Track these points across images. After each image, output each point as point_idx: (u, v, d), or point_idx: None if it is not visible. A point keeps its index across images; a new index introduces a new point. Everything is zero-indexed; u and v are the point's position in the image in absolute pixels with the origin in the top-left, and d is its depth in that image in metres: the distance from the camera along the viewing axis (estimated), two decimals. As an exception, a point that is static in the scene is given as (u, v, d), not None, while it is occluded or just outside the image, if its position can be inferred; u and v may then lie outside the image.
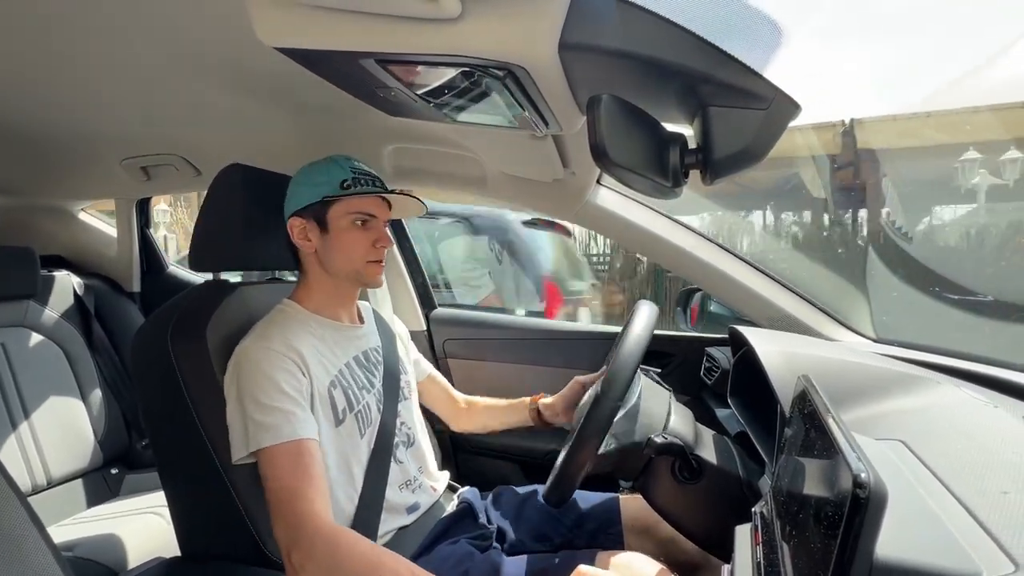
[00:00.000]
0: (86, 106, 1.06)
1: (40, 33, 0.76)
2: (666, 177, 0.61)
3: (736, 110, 0.58)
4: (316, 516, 0.71)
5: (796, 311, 1.18)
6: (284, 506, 0.72)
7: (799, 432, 0.59)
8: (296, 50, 0.62)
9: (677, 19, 0.53)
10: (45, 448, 1.34)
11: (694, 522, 0.82)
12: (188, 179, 1.43)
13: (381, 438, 0.91)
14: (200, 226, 0.93)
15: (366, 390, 0.92)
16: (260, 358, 0.80)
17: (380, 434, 0.91)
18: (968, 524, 0.45)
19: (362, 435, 0.89)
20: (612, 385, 0.73)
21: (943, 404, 0.73)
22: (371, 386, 0.94)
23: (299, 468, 0.75)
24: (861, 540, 0.37)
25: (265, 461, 0.76)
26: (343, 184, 0.88)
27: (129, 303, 1.74)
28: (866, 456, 0.40)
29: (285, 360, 0.81)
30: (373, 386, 0.94)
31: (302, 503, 0.72)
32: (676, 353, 1.42)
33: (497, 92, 0.66)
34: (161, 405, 0.87)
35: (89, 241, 1.80)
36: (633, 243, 1.28)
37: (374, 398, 0.93)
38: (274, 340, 0.83)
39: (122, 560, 1.13)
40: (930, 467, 0.55)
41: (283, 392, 0.78)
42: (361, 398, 0.90)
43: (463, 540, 0.93)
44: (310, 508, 0.71)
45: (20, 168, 1.47)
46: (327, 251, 0.90)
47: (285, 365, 0.80)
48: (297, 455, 0.75)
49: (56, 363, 1.44)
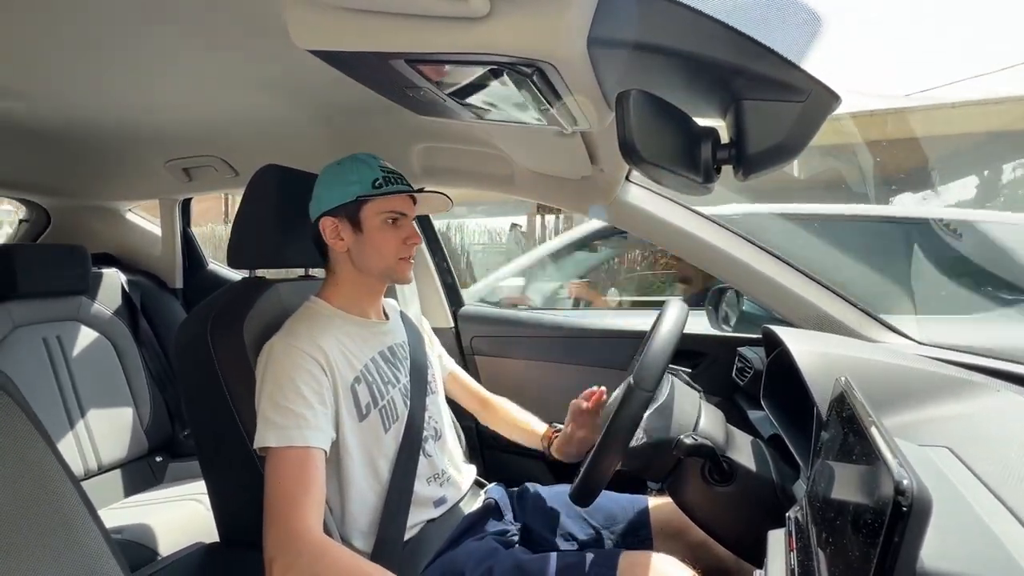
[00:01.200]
0: (132, 111, 1.11)
1: (89, 43, 0.80)
2: (697, 173, 0.60)
3: (771, 103, 0.57)
4: (307, 531, 0.72)
5: (834, 311, 1.14)
6: (278, 515, 0.73)
7: (837, 436, 0.57)
8: (329, 52, 0.63)
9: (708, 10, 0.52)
10: (96, 436, 1.42)
11: (724, 526, 0.80)
12: (227, 179, 1.48)
13: (409, 432, 0.92)
14: (237, 225, 0.97)
15: (391, 385, 0.93)
16: (283, 356, 0.82)
17: (408, 428, 0.92)
18: (1019, 534, 0.43)
19: (386, 430, 0.90)
20: (642, 381, 0.72)
21: (993, 409, 0.69)
22: (396, 381, 0.95)
23: (301, 477, 0.75)
24: (903, 550, 0.36)
25: (270, 461, 0.77)
26: (375, 183, 0.89)
27: (172, 299, 1.82)
28: (909, 462, 0.38)
29: (308, 360, 0.82)
30: (399, 381, 0.95)
31: (296, 515, 0.72)
32: (707, 353, 1.39)
33: (525, 90, 0.66)
34: (201, 396, 0.91)
35: (136, 240, 1.89)
36: (664, 240, 1.26)
37: (400, 393, 0.94)
38: (300, 337, 0.84)
39: (165, 544, 1.18)
40: (978, 474, 0.53)
41: (300, 395, 0.79)
42: (386, 393, 0.92)
43: (489, 536, 0.93)
44: (302, 523, 0.72)
45: (72, 171, 1.56)
46: (360, 250, 0.91)
47: (307, 365, 0.82)
48: (301, 463, 0.76)
49: (106, 356, 1.51)
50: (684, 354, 1.41)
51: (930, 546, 0.37)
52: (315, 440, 0.78)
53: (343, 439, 0.85)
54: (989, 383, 0.75)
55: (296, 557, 0.70)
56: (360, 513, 0.87)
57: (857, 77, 13.71)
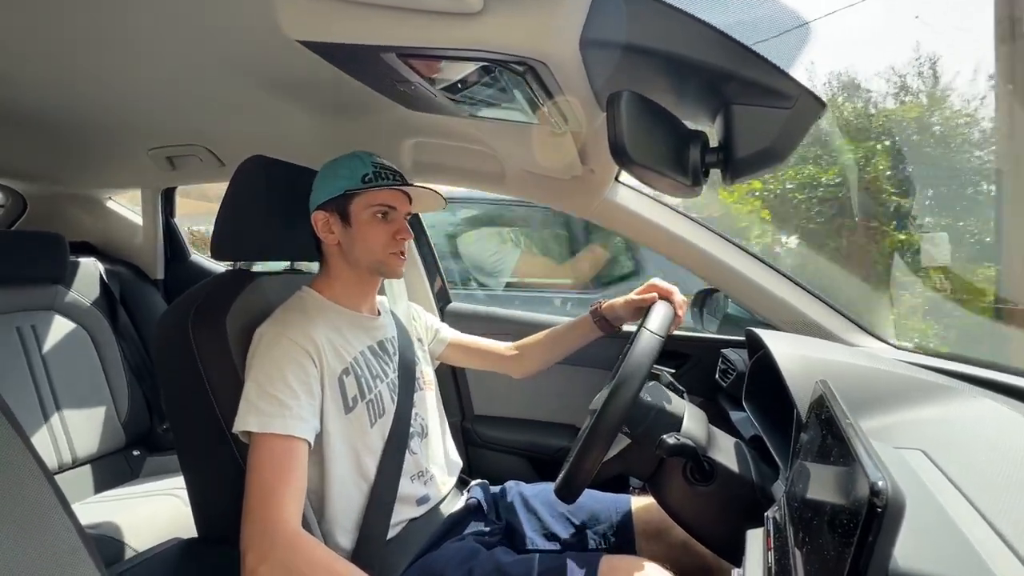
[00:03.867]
0: (115, 96, 1.08)
1: (70, 25, 0.78)
2: (686, 175, 0.61)
3: (759, 108, 0.57)
4: (283, 522, 0.71)
5: (815, 315, 1.16)
6: (256, 505, 0.72)
7: (815, 438, 0.58)
8: (319, 44, 0.62)
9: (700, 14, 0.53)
10: (71, 428, 1.39)
11: (705, 525, 0.81)
12: (212, 169, 1.46)
13: (396, 428, 0.92)
14: (222, 216, 0.95)
15: (380, 379, 0.93)
16: (273, 344, 0.82)
17: (395, 424, 0.92)
18: (988, 536, 0.44)
19: (372, 424, 0.89)
20: (627, 380, 0.73)
21: (966, 414, 0.71)
22: (385, 376, 0.94)
23: (280, 467, 0.74)
24: (876, 549, 0.36)
25: (251, 450, 0.76)
26: (364, 178, 0.89)
27: (153, 290, 1.79)
28: (884, 464, 0.39)
29: (297, 349, 0.82)
30: (387, 376, 0.95)
31: (272, 506, 0.71)
32: (691, 354, 1.41)
33: (517, 87, 0.66)
34: (181, 390, 0.90)
35: (116, 229, 1.85)
36: (651, 241, 1.27)
37: (387, 388, 0.94)
38: (291, 326, 0.84)
39: (141, 540, 1.16)
40: (950, 477, 0.54)
41: (287, 383, 0.79)
42: (374, 387, 0.91)
43: (469, 537, 0.93)
44: (278, 514, 0.71)
45: (51, 157, 1.52)
46: (349, 243, 0.91)
47: (296, 355, 0.81)
48: (281, 453, 0.75)
49: (82, 347, 1.48)
50: (668, 355, 1.43)
51: (903, 546, 0.38)
52: (297, 430, 0.77)
53: (327, 431, 0.84)
54: (962, 388, 0.77)
55: (270, 548, 0.69)
56: (343, 509, 0.86)
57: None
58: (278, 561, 0.69)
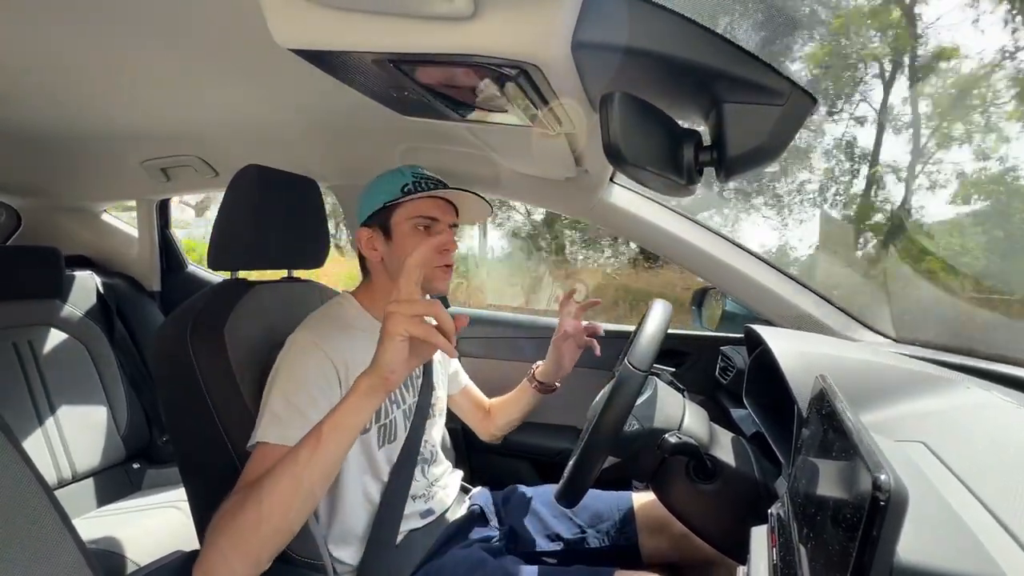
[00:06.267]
0: (107, 108, 1.08)
1: (62, 38, 0.78)
2: (680, 175, 0.61)
3: (752, 106, 0.58)
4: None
5: (814, 310, 1.16)
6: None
7: (817, 433, 0.58)
8: (311, 51, 0.62)
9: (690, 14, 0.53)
10: (70, 443, 1.38)
11: (708, 523, 0.81)
12: (206, 180, 1.46)
13: (404, 454, 0.91)
14: (218, 226, 0.95)
15: (397, 404, 0.92)
16: (303, 353, 0.80)
17: (405, 450, 0.91)
18: (992, 527, 0.44)
19: (379, 447, 0.88)
20: (627, 381, 0.73)
21: (967, 406, 0.71)
22: (403, 401, 0.93)
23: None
24: (880, 544, 0.36)
25: (258, 452, 0.72)
26: (403, 188, 0.87)
27: (150, 302, 1.78)
28: (886, 458, 0.39)
29: (327, 364, 0.79)
30: (405, 401, 0.93)
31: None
32: (690, 352, 1.41)
33: (510, 91, 0.66)
34: (180, 401, 0.89)
35: (111, 241, 1.84)
36: (647, 241, 1.27)
37: (403, 415, 0.92)
38: (325, 338, 0.82)
39: (143, 553, 1.15)
40: (953, 469, 0.54)
41: (310, 395, 0.76)
42: (390, 411, 0.90)
43: (476, 545, 0.93)
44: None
45: (45, 171, 1.51)
46: (392, 258, 0.89)
47: (325, 370, 0.79)
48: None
49: (80, 360, 1.47)
50: (668, 354, 1.43)
51: (907, 539, 0.38)
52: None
53: None
54: (961, 380, 0.78)
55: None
56: (348, 526, 0.86)
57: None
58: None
